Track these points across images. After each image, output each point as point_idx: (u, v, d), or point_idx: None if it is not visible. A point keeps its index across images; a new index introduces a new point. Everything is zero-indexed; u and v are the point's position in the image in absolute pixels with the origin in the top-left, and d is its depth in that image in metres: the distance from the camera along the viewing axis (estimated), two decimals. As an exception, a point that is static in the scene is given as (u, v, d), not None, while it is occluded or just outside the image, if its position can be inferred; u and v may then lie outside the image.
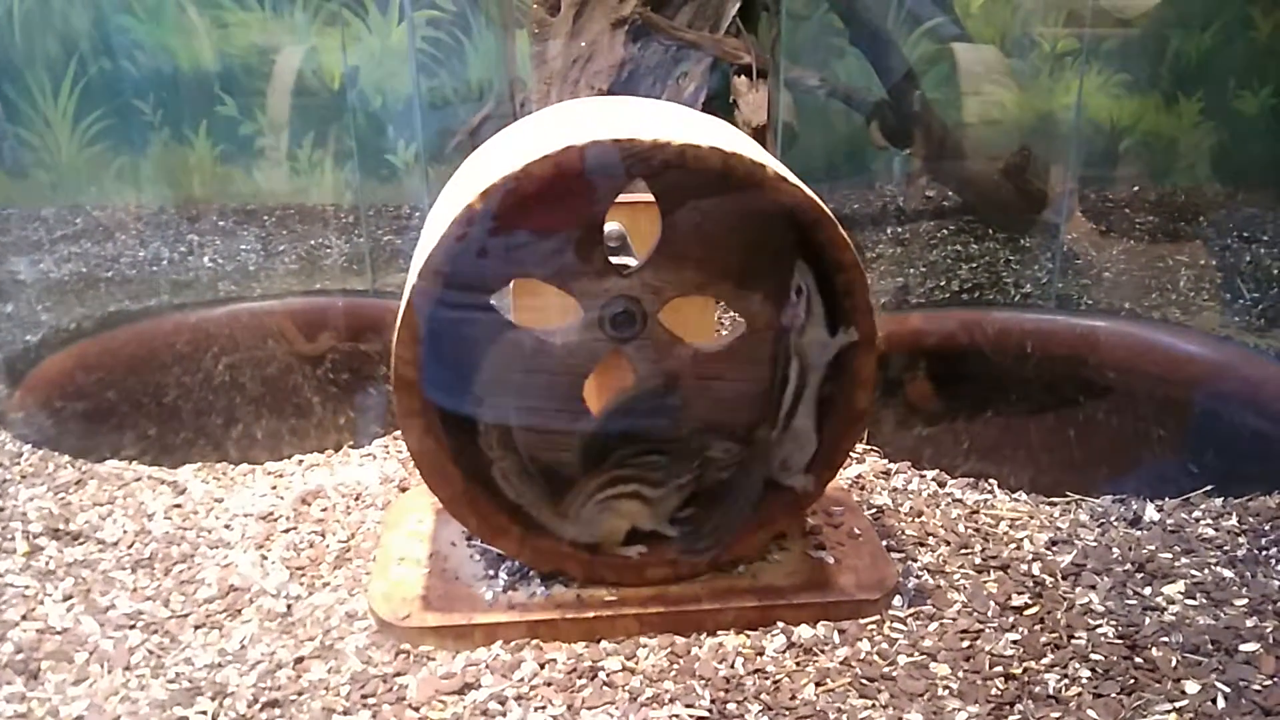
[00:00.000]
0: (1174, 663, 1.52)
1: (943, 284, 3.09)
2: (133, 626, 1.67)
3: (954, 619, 1.64)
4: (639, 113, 1.66)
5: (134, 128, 3.61)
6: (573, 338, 1.63)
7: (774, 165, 1.52)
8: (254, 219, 3.60)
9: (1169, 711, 1.42)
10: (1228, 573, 1.74)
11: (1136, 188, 3.59)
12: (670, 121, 1.57)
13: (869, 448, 2.23)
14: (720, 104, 2.85)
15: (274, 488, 2.13)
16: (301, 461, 2.25)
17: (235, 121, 3.62)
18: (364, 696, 1.49)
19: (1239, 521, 1.90)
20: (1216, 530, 1.88)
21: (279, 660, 1.57)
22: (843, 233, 1.53)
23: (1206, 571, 1.75)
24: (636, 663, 1.55)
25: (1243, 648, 1.55)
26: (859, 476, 2.11)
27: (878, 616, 1.65)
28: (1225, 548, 1.82)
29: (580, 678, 1.52)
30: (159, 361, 2.57)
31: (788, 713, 1.44)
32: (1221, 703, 1.44)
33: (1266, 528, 1.88)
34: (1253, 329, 2.77)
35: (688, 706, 1.45)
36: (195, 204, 3.66)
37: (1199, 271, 3.10)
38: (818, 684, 1.50)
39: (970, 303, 2.98)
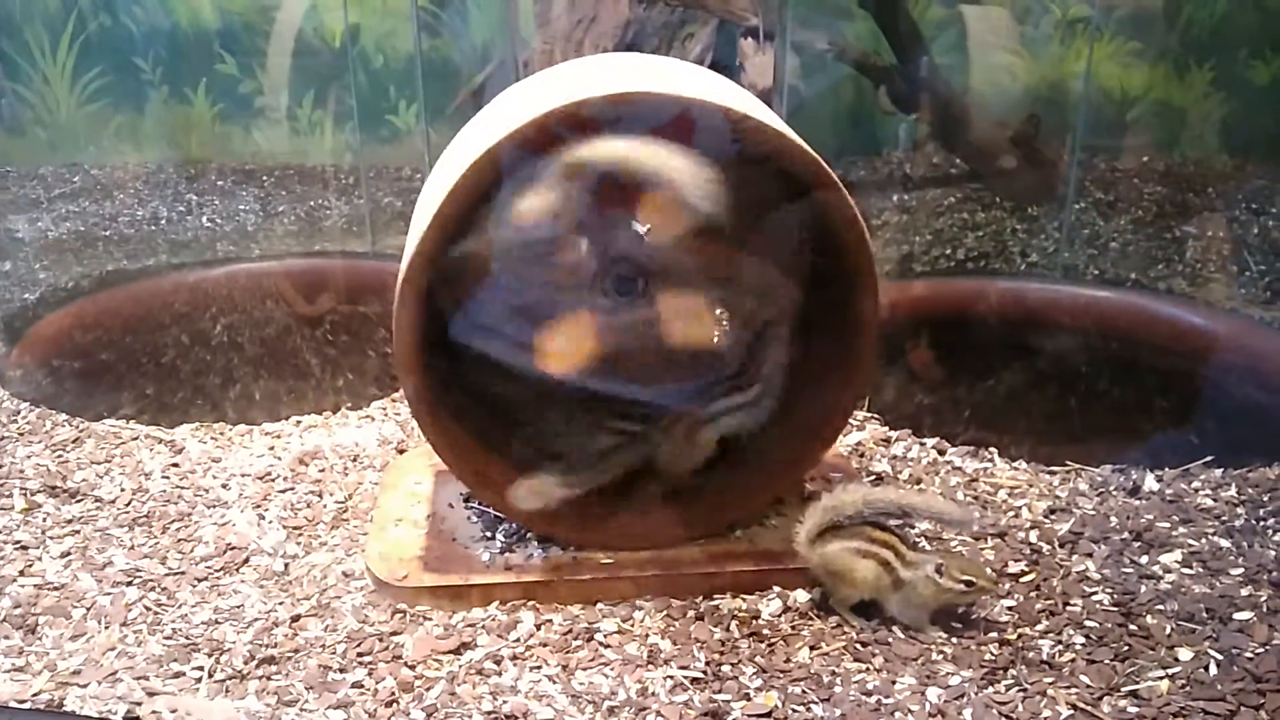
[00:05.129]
0: (1168, 630, 1.52)
1: (948, 252, 3.07)
2: (130, 583, 1.68)
3: (950, 585, 1.64)
4: (643, 70, 1.63)
5: (133, 85, 3.56)
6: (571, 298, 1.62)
7: (779, 125, 1.50)
8: (253, 179, 3.57)
9: (1161, 678, 1.43)
10: (1225, 542, 1.74)
11: (1145, 158, 3.55)
12: (677, 79, 1.54)
13: (869, 415, 2.22)
14: (726, 67, 2.80)
15: (271, 448, 2.12)
16: (299, 423, 2.25)
17: (235, 80, 3.57)
18: (360, 655, 1.50)
19: (1238, 492, 1.90)
20: (1215, 500, 1.88)
21: (275, 618, 1.58)
22: (845, 194, 1.51)
23: (1204, 541, 1.75)
24: (632, 625, 1.55)
25: (1237, 616, 1.55)
26: (859, 444, 2.10)
27: (874, 582, 1.65)
28: (1223, 518, 1.82)
29: (576, 639, 1.52)
30: (157, 321, 2.56)
31: (782, 675, 1.45)
32: (1214, 669, 1.44)
33: (1265, 498, 1.87)
34: (1259, 301, 2.75)
35: (682, 668, 1.46)
36: (194, 163, 3.62)
37: (1206, 243, 3.07)
38: (812, 647, 1.50)
39: (975, 272, 2.96)
